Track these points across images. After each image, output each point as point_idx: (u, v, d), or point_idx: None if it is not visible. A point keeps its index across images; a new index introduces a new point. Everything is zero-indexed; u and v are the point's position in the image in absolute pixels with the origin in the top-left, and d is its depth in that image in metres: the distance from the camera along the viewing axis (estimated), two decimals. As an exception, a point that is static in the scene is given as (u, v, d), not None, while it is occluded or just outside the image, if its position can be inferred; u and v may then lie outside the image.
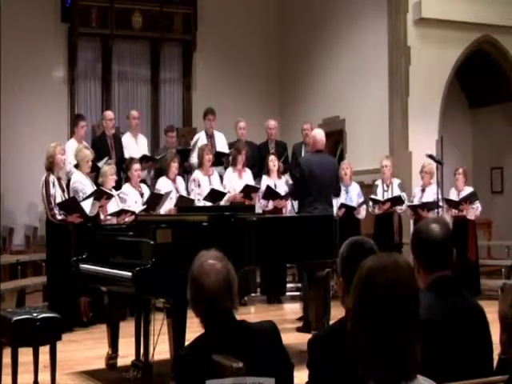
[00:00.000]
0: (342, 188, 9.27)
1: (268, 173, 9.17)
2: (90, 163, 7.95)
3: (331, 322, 2.71)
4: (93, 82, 12.47)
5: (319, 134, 7.68)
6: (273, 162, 9.16)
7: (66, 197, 7.60)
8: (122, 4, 12.22)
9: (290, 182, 9.01)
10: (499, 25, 10.82)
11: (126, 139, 9.50)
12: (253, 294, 9.11)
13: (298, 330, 7.24)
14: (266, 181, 9.09)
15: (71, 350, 6.47)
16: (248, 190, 8.74)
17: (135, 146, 9.41)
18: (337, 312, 2.82)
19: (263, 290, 9.19)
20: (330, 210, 7.56)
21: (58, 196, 7.48)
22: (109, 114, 9.47)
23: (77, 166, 7.98)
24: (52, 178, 7.47)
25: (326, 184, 7.45)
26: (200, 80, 13.01)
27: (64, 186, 7.73)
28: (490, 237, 11.82)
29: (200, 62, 13.02)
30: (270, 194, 8.78)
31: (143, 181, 9.12)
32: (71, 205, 7.47)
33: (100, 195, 7.65)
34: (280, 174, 9.26)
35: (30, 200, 10.94)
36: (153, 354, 5.29)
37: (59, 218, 7.44)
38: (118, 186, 8.46)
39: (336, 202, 9.13)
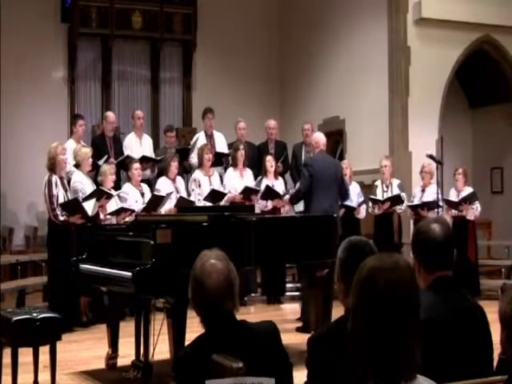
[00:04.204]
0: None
1: (265, 173, 9.13)
2: (91, 160, 7.96)
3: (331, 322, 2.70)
4: (93, 82, 12.46)
5: (320, 136, 8.08)
6: (270, 163, 9.13)
7: (69, 196, 7.60)
8: (121, 4, 12.22)
9: (293, 186, 9.04)
10: (499, 25, 10.82)
11: (130, 139, 9.42)
12: (253, 294, 9.12)
13: (298, 330, 7.25)
14: (263, 181, 9.08)
15: (71, 349, 6.47)
16: (248, 192, 8.75)
17: (139, 146, 9.34)
18: (337, 312, 2.81)
19: (263, 290, 9.19)
20: (336, 208, 7.70)
21: (61, 196, 7.48)
22: (111, 116, 9.36)
23: (77, 166, 7.98)
24: (54, 178, 7.46)
25: (331, 182, 7.64)
26: (200, 80, 13.01)
27: (67, 186, 7.73)
28: (490, 237, 11.82)
29: (200, 62, 13.01)
30: (270, 193, 8.77)
31: (147, 181, 9.11)
32: (73, 205, 7.47)
33: (100, 195, 7.65)
34: (277, 174, 9.25)
35: (30, 200, 10.95)
36: (153, 354, 5.29)
37: (61, 218, 7.43)
38: (117, 186, 8.45)
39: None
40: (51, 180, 7.44)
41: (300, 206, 8.47)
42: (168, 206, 8.32)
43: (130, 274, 4.78)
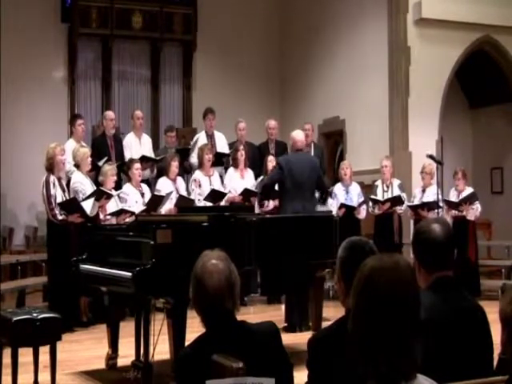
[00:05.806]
0: (342, 188, 9.29)
1: (266, 173, 9.12)
2: (90, 159, 7.96)
3: (331, 322, 2.70)
4: (93, 82, 12.47)
5: (298, 135, 7.86)
6: (271, 163, 9.13)
7: (67, 197, 7.61)
8: (122, 4, 12.23)
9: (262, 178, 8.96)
10: (499, 25, 10.82)
11: (129, 139, 9.43)
12: (253, 294, 9.09)
13: (285, 329, 7.09)
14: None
15: (71, 350, 6.47)
16: (247, 194, 8.74)
17: (138, 146, 9.36)
18: (337, 312, 2.81)
19: (262, 291, 9.15)
20: (310, 208, 7.58)
21: (59, 196, 7.49)
22: (110, 114, 9.44)
23: (77, 166, 7.98)
24: (52, 178, 7.48)
25: (304, 182, 7.50)
26: (200, 80, 13.01)
27: (64, 186, 7.73)
28: (490, 237, 11.82)
29: (200, 62, 13.02)
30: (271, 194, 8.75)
31: (146, 181, 9.11)
32: (72, 205, 7.47)
33: (100, 195, 7.65)
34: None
35: (30, 200, 10.94)
36: (153, 354, 5.28)
37: (60, 218, 7.44)
38: (117, 187, 8.45)
39: (336, 202, 9.14)
40: (49, 180, 7.44)
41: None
42: (168, 206, 8.32)
43: (129, 274, 4.78)
